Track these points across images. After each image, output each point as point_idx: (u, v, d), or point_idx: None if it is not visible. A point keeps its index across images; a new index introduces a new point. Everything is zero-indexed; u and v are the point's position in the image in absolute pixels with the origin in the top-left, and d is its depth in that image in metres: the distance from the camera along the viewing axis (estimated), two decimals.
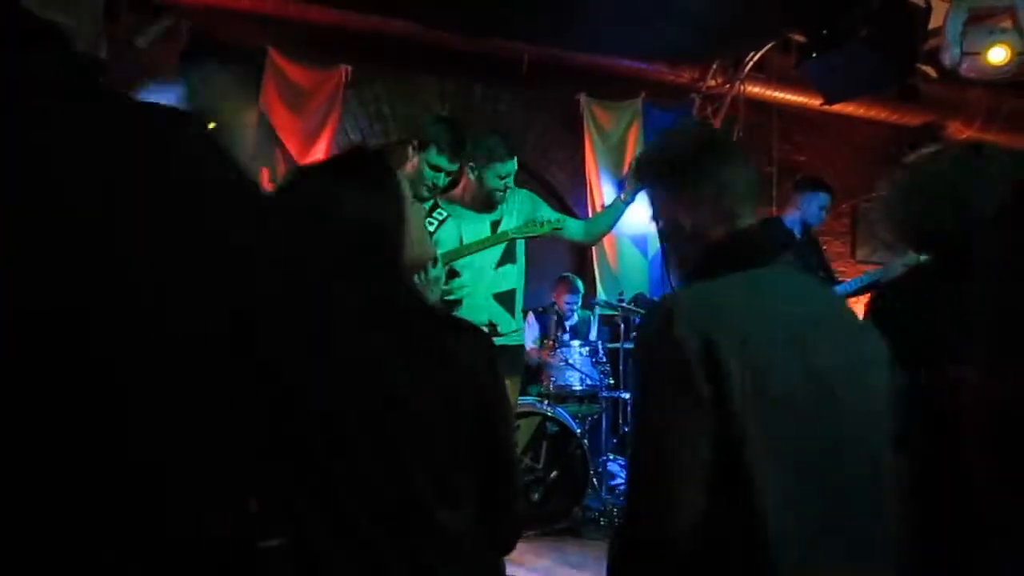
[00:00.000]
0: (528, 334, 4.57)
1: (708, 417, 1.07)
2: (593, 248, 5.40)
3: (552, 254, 5.06)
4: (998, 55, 4.14)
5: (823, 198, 4.00)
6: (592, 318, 5.24)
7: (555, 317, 4.90)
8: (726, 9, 4.42)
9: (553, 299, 5.06)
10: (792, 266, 1.28)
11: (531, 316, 4.92)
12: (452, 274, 3.01)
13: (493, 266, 3.15)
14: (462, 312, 2.93)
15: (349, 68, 4.80)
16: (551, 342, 4.49)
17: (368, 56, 4.88)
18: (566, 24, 4.67)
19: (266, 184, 4.78)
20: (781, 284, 1.23)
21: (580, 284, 5.06)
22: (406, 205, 1.21)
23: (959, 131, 6.08)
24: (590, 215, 5.41)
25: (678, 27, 4.66)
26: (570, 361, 4.33)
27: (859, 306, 1.71)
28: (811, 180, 4.17)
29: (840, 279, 4.42)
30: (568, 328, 4.93)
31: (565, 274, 5.13)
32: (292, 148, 4.74)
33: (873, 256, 6.65)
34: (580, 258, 5.73)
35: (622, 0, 4.37)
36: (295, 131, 4.75)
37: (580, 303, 5.07)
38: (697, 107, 5.75)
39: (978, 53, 4.12)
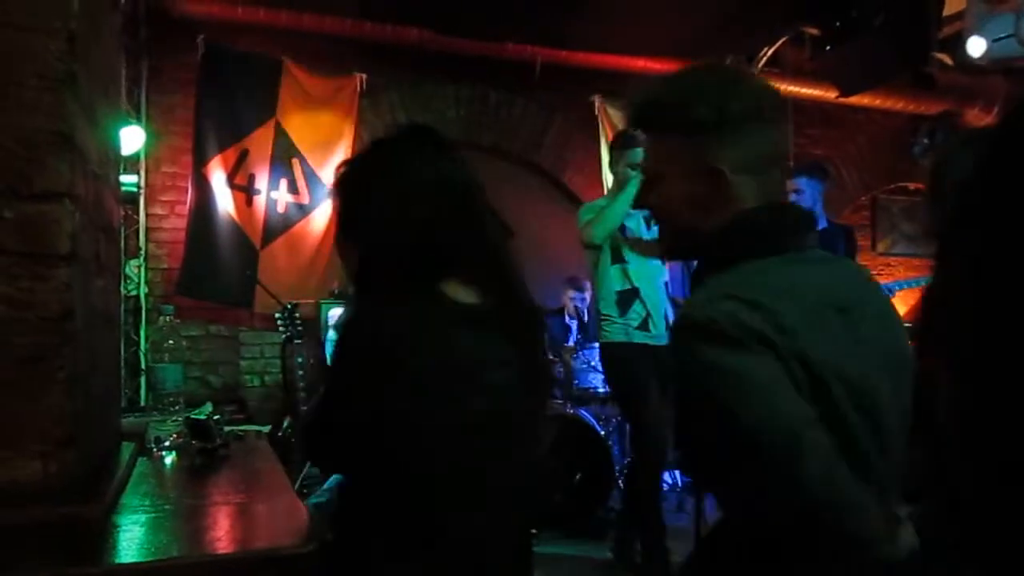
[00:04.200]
0: None
1: None
2: None
3: (561, 249, 5.01)
4: None
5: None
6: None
7: (572, 319, 4.89)
8: (738, 4, 4.41)
9: (562, 303, 5.02)
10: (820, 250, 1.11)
11: None
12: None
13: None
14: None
15: (364, 77, 4.84)
16: (572, 346, 4.48)
17: (383, 64, 4.92)
18: (578, 26, 4.68)
19: None
20: (819, 271, 1.05)
21: (585, 281, 4.99)
22: None
23: (978, 118, 6.01)
24: None
25: (690, 24, 4.65)
26: (592, 363, 4.31)
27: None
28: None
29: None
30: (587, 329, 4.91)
31: (572, 276, 5.09)
32: (309, 157, 4.79)
33: (893, 248, 6.59)
34: None
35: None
36: (312, 140, 4.80)
37: (588, 299, 4.97)
38: None
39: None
